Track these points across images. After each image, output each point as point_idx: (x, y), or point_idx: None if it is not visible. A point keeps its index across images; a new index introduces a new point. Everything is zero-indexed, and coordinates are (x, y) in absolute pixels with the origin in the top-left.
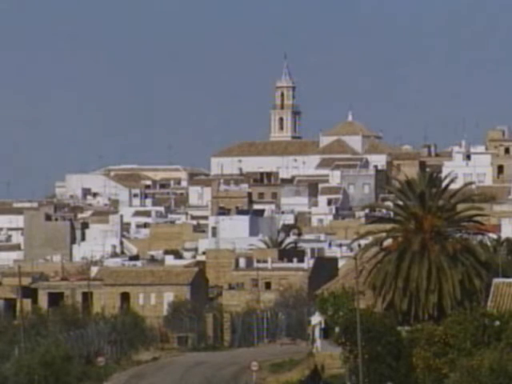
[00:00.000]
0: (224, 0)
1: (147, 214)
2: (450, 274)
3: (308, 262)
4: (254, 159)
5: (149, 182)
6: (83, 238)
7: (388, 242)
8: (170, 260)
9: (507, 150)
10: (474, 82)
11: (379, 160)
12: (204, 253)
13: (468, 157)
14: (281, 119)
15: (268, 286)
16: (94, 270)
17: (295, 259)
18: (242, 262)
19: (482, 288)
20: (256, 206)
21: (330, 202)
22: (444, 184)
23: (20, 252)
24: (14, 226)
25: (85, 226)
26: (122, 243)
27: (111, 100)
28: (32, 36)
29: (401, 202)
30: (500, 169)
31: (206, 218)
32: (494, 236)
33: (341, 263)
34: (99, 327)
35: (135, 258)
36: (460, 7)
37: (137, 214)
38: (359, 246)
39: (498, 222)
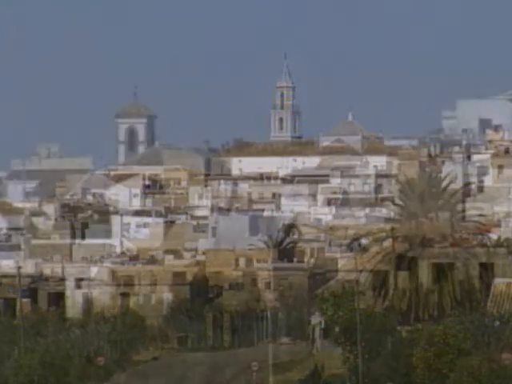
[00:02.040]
0: (224, 0)
1: (147, 213)
2: (450, 274)
3: (308, 262)
4: (254, 159)
5: (149, 182)
6: (83, 238)
7: (388, 241)
8: (169, 260)
9: (507, 150)
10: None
11: (379, 160)
12: (204, 253)
13: (468, 157)
14: (281, 119)
15: (268, 285)
16: (94, 270)
17: (295, 259)
18: (242, 262)
19: (482, 288)
20: (256, 206)
21: (329, 202)
22: (444, 184)
23: (20, 252)
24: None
25: (85, 226)
26: (121, 243)
27: (111, 100)
28: (31, 34)
29: (401, 202)
30: (500, 169)
31: (205, 218)
32: (494, 236)
33: (341, 263)
34: (99, 327)
35: (135, 257)
36: (458, 9)
37: (137, 213)
38: (359, 245)
39: (498, 222)
